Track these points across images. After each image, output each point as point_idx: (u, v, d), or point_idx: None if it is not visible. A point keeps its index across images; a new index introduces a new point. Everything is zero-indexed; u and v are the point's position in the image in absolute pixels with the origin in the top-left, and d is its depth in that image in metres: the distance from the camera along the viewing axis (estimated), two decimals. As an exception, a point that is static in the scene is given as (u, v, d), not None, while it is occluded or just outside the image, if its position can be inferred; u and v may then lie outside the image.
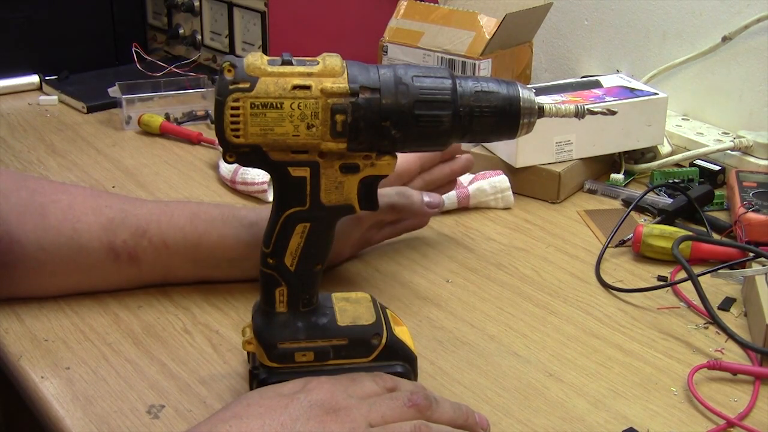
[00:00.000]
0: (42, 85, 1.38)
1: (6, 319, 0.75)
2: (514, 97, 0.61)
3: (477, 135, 0.62)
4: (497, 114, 0.61)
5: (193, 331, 0.75)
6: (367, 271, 0.86)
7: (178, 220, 0.77)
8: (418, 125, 0.59)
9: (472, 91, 0.60)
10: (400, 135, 0.59)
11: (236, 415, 0.56)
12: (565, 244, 0.92)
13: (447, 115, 0.59)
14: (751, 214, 0.89)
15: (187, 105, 1.25)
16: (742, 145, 1.07)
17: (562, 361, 0.72)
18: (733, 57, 1.17)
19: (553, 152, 1.01)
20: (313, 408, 0.56)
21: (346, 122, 0.58)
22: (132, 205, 0.78)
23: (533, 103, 0.62)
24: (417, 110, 0.59)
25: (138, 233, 0.76)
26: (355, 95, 0.57)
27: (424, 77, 0.59)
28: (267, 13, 1.26)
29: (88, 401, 0.66)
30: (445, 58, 1.13)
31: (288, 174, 0.59)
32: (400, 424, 0.57)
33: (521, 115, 0.61)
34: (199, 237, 0.76)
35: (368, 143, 0.59)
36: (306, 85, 0.57)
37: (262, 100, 0.57)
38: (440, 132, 0.60)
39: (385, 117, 0.58)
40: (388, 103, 0.58)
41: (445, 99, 0.59)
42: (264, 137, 0.57)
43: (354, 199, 0.61)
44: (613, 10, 1.30)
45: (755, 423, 0.65)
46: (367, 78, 0.58)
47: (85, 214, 0.76)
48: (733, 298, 0.82)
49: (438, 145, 0.61)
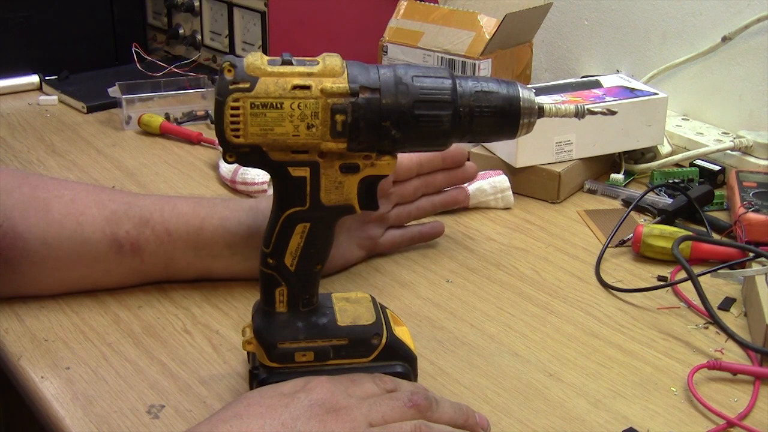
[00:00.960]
0: (42, 85, 1.38)
1: (6, 319, 0.75)
2: (515, 97, 0.61)
3: (477, 135, 0.62)
4: (497, 114, 0.61)
5: (193, 331, 0.75)
6: (367, 271, 0.86)
7: (181, 208, 0.77)
8: (418, 125, 0.59)
9: (473, 91, 0.60)
10: (400, 135, 0.59)
11: (237, 415, 0.56)
12: (565, 244, 0.92)
13: (447, 115, 0.59)
14: (751, 214, 0.89)
15: (187, 105, 1.25)
16: (742, 145, 1.07)
17: (562, 361, 0.72)
18: (733, 57, 1.17)
19: (553, 152, 1.01)
20: (314, 407, 0.56)
21: (346, 122, 0.57)
22: (135, 197, 0.78)
23: (533, 103, 0.62)
24: (417, 110, 0.59)
25: (141, 223, 0.76)
26: (355, 95, 0.57)
27: (424, 77, 0.59)
28: (267, 13, 1.26)
29: (88, 401, 0.66)
30: (445, 58, 1.13)
31: (288, 174, 0.59)
32: (400, 424, 0.57)
33: (521, 115, 0.61)
34: (202, 221, 0.77)
35: (368, 143, 0.59)
36: (306, 85, 0.57)
37: (262, 100, 0.57)
38: (440, 132, 0.60)
39: (385, 117, 0.58)
40: (388, 103, 0.58)
41: (445, 99, 0.59)
42: (264, 137, 0.57)
43: (354, 199, 0.61)
44: (613, 10, 1.30)
45: (755, 423, 0.65)
46: (367, 78, 0.58)
47: (89, 207, 0.76)
48: (733, 298, 0.82)
49: (438, 145, 0.61)
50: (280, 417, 0.56)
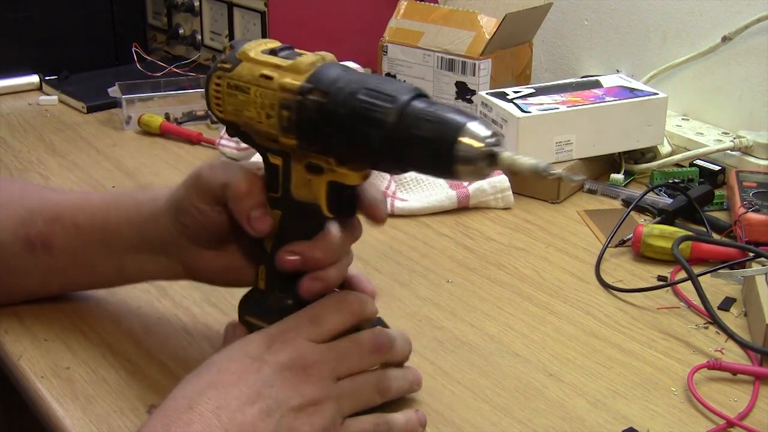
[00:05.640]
0: (42, 85, 1.38)
1: (6, 319, 0.75)
2: (451, 138, 0.53)
3: (412, 166, 0.56)
4: (430, 149, 0.54)
5: (193, 331, 0.75)
6: (367, 270, 0.86)
7: (93, 202, 0.74)
8: (351, 137, 0.57)
9: (417, 118, 0.54)
10: (340, 145, 0.57)
11: (211, 385, 0.56)
12: (565, 244, 0.92)
13: (378, 134, 0.55)
14: (751, 214, 0.89)
15: (187, 105, 1.25)
16: (742, 145, 1.07)
17: (562, 361, 0.72)
18: (733, 57, 1.17)
19: (553, 152, 1.01)
20: (284, 371, 0.58)
21: (291, 119, 0.58)
22: (53, 194, 0.76)
23: (474, 151, 0.52)
24: (351, 122, 0.56)
25: (52, 219, 0.73)
26: (303, 95, 0.57)
27: (375, 92, 0.56)
28: (267, 13, 1.26)
29: (88, 401, 0.66)
30: (445, 58, 1.13)
31: (267, 159, 0.62)
32: (365, 378, 0.60)
33: (455, 160, 0.53)
34: (107, 213, 0.72)
35: (319, 146, 0.58)
36: (270, 76, 0.59)
37: (236, 82, 0.60)
38: (370, 151, 0.56)
39: (327, 122, 0.57)
40: (329, 110, 0.57)
41: (377, 118, 0.55)
42: (238, 116, 0.61)
43: (322, 200, 0.60)
44: (613, 10, 1.30)
45: (755, 423, 0.65)
46: (326, 82, 0.57)
47: (6, 209, 0.73)
48: (733, 298, 0.82)
49: (369, 164, 0.59)
50: (254, 384, 0.57)
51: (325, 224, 0.61)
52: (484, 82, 1.11)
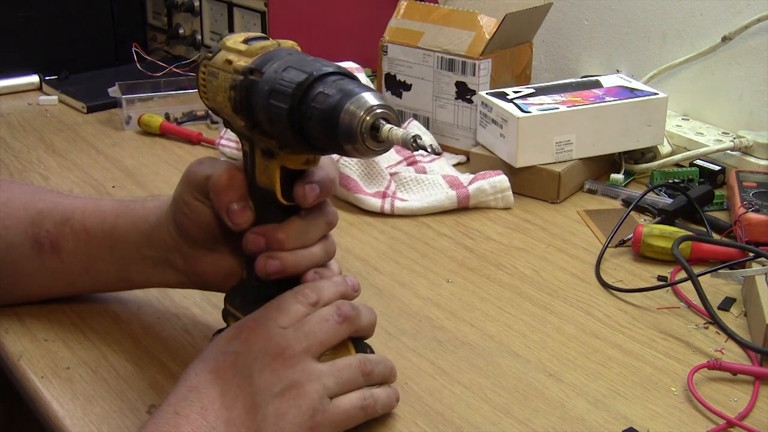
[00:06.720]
0: (42, 85, 1.38)
1: (6, 319, 0.75)
2: (339, 107, 0.52)
3: (318, 141, 0.55)
4: (322, 121, 0.54)
5: (193, 331, 0.75)
6: (367, 270, 0.86)
7: (102, 206, 0.74)
8: (269, 115, 0.57)
9: (319, 92, 0.54)
10: (266, 123, 0.57)
11: (192, 388, 0.57)
12: (565, 244, 0.92)
13: (285, 109, 0.55)
14: (751, 214, 0.89)
15: (187, 105, 1.25)
16: (742, 145, 1.07)
17: (562, 361, 0.72)
18: (733, 57, 1.17)
19: (553, 152, 1.01)
20: (259, 359, 0.58)
21: (236, 99, 0.59)
22: (64, 197, 0.76)
23: (357, 119, 0.52)
24: (270, 99, 0.56)
25: (62, 221, 0.73)
26: (245, 75, 0.58)
27: (293, 68, 0.56)
28: (267, 13, 1.26)
29: (88, 401, 0.66)
30: (445, 58, 1.13)
31: (243, 147, 0.62)
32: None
33: (339, 129, 0.53)
34: (116, 218, 0.73)
35: (263, 127, 0.58)
36: (231, 60, 0.60)
37: (211, 69, 0.61)
38: (283, 127, 0.56)
39: (256, 100, 0.58)
40: (261, 89, 0.57)
41: (285, 92, 0.55)
42: (214, 102, 0.62)
43: (276, 185, 0.60)
44: (613, 10, 1.29)
45: (755, 423, 0.65)
46: (266, 63, 0.58)
47: (17, 209, 0.74)
48: (733, 298, 0.82)
49: (289, 143, 0.58)
50: (233, 379, 0.57)
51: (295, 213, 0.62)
52: (484, 82, 1.11)
